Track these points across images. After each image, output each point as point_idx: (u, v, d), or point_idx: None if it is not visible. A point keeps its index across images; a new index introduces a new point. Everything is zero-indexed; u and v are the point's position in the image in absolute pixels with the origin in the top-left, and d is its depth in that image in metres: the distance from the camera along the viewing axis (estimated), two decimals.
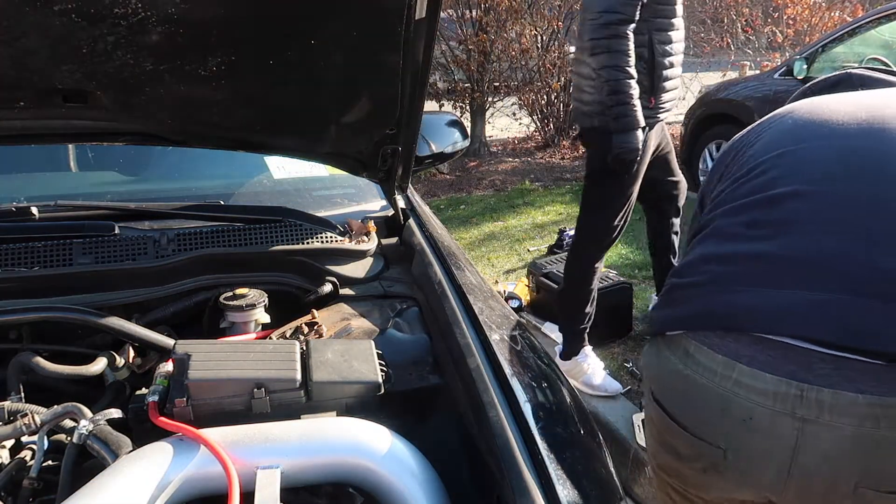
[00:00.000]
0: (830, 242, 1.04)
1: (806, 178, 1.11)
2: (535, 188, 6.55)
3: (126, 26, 0.94)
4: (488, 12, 7.29)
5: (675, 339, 1.16)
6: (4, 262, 1.28)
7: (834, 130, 1.15)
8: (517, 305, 3.61)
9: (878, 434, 0.96)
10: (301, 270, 1.45)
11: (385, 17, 1.04)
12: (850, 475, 1.00)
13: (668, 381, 1.17)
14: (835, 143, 1.13)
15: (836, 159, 1.11)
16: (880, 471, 0.99)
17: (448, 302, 1.23)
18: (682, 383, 1.13)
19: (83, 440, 0.91)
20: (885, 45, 4.79)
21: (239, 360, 0.99)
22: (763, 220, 1.12)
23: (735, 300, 1.08)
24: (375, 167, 1.46)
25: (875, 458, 0.98)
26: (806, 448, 1.01)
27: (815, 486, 1.04)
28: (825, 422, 0.99)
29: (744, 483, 1.11)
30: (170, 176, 1.92)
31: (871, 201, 1.05)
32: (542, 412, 0.96)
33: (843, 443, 0.99)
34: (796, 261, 1.06)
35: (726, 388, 1.06)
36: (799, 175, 1.12)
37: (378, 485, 0.89)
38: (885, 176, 1.06)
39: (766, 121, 1.31)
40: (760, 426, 1.04)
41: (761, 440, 1.05)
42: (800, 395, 1.00)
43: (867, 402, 0.96)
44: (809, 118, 1.21)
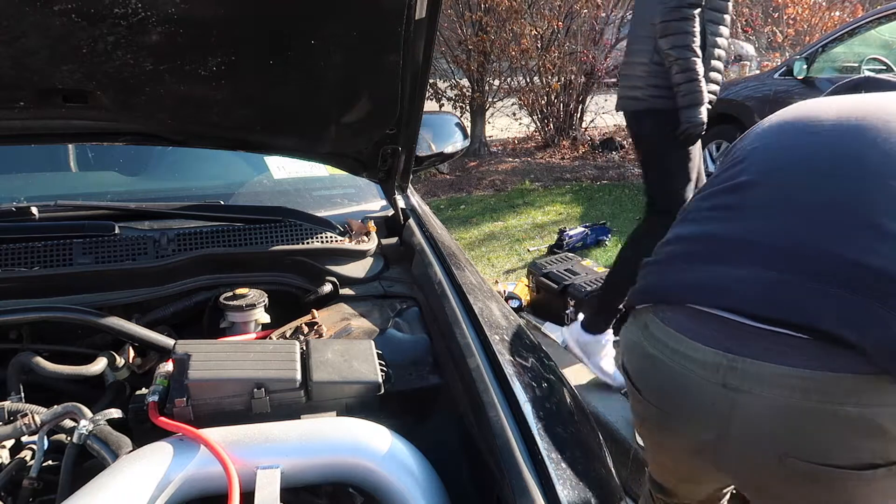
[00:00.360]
0: (772, 225, 1.10)
1: (765, 169, 1.19)
2: (535, 188, 6.55)
3: (126, 26, 0.94)
4: (488, 12, 7.29)
5: (641, 312, 1.23)
6: (4, 262, 1.28)
7: (809, 128, 1.20)
8: (517, 305, 3.61)
9: (805, 406, 1.00)
10: (301, 270, 1.45)
11: (385, 17, 1.04)
12: (778, 445, 1.04)
13: (631, 350, 1.25)
14: (804, 139, 1.19)
15: (799, 153, 1.18)
16: (807, 442, 1.02)
17: (448, 302, 1.23)
18: (640, 352, 1.22)
19: (83, 440, 0.91)
20: (885, 45, 4.79)
21: (239, 360, 0.99)
22: (721, 205, 1.20)
23: (683, 277, 1.17)
24: (375, 167, 1.46)
25: (802, 429, 1.02)
26: (737, 418, 1.06)
27: (746, 455, 1.08)
28: (756, 393, 1.03)
29: (686, 447, 1.19)
30: (170, 176, 1.92)
31: (819, 193, 1.10)
32: (542, 412, 0.96)
33: (772, 413, 1.03)
34: (739, 241, 1.12)
35: (672, 358, 1.13)
36: (761, 165, 1.20)
37: (378, 485, 0.89)
38: (840, 172, 1.10)
39: (763, 120, 1.37)
40: (695, 393, 1.10)
41: (698, 409, 1.11)
42: (730, 365, 1.05)
43: (795, 375, 1.00)
44: (794, 117, 1.27)
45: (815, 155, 1.16)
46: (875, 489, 1.04)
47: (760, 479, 1.12)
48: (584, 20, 7.76)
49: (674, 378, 1.14)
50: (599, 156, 7.75)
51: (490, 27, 7.37)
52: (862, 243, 1.02)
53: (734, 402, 1.05)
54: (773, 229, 1.10)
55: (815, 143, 1.17)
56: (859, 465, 1.01)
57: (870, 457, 1.00)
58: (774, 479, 1.08)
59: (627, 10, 8.05)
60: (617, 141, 8.10)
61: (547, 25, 7.52)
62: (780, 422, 1.03)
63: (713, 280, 1.11)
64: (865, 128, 1.13)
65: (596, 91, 8.26)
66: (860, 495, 1.05)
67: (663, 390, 1.18)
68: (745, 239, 1.12)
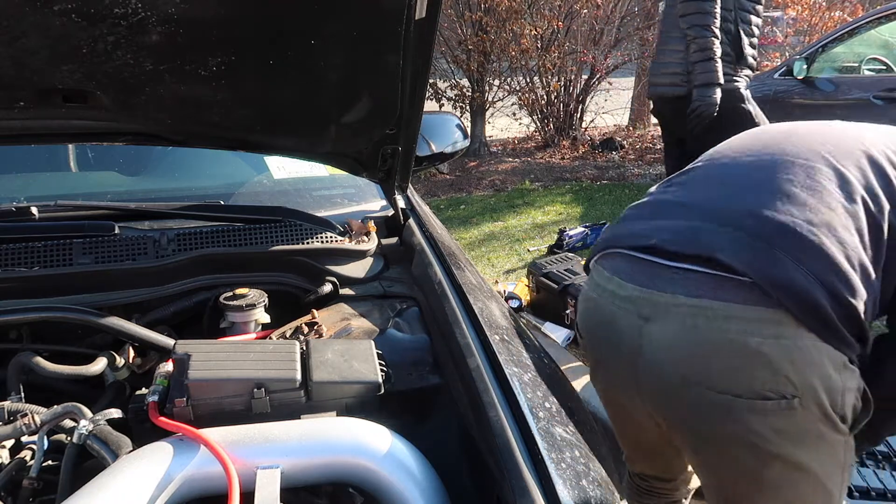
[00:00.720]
0: (703, 192, 1.30)
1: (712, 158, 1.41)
2: (535, 188, 6.55)
3: (126, 26, 0.94)
4: (488, 12, 7.29)
5: (591, 268, 1.40)
6: (4, 262, 1.28)
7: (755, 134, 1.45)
8: (517, 305, 3.61)
9: (699, 332, 1.13)
10: (301, 270, 1.45)
11: (385, 17, 1.04)
12: (678, 370, 1.16)
13: (581, 303, 1.41)
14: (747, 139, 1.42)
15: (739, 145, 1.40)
16: (703, 367, 1.14)
17: (448, 302, 1.23)
18: (583, 299, 1.38)
19: (83, 440, 0.91)
20: (885, 45, 4.79)
21: (239, 360, 0.99)
22: (670, 183, 1.41)
23: (623, 230, 1.36)
24: (375, 167, 1.46)
25: (698, 355, 1.14)
26: (647, 345, 1.20)
27: (653, 382, 1.21)
28: (660, 321, 1.18)
29: (617, 379, 1.31)
30: (170, 176, 1.92)
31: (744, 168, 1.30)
32: (542, 412, 0.96)
33: (671, 338, 1.16)
34: (674, 203, 1.32)
35: (603, 296, 1.29)
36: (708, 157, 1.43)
37: (378, 485, 0.89)
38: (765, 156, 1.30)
39: None
40: (619, 327, 1.25)
41: (619, 339, 1.25)
42: (645, 297, 1.20)
43: (692, 304, 1.14)
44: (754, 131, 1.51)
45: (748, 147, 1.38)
46: (771, 426, 1.12)
47: (673, 411, 1.22)
48: (584, 20, 7.76)
49: (604, 314, 1.29)
50: (599, 156, 7.75)
51: (490, 27, 7.36)
52: (767, 201, 1.18)
53: (643, 331, 1.20)
54: (703, 194, 1.30)
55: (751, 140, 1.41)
56: (751, 393, 1.10)
57: (760, 386, 1.10)
58: (682, 409, 1.19)
59: (627, 10, 8.06)
60: (617, 141, 8.10)
61: (547, 25, 7.51)
62: (678, 347, 1.16)
63: (642, 230, 1.29)
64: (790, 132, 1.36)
65: (596, 91, 8.26)
66: (759, 432, 1.12)
67: (597, 328, 1.33)
68: (679, 202, 1.31)
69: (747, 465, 1.17)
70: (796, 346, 1.09)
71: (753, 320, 1.10)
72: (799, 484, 1.17)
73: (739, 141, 1.44)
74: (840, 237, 1.13)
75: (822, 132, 1.35)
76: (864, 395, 1.15)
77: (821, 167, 1.23)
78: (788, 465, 1.15)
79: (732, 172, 1.31)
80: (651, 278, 1.21)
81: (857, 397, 1.14)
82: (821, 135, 1.33)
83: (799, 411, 1.10)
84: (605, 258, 1.34)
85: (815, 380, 1.09)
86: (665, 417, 1.26)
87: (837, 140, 1.30)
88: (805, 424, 1.12)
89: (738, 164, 1.32)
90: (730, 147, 1.42)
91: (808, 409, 1.10)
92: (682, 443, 1.29)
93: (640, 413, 1.32)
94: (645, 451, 1.54)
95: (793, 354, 1.09)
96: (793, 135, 1.34)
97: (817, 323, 1.08)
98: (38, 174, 1.84)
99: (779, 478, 1.16)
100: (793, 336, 1.09)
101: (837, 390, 1.11)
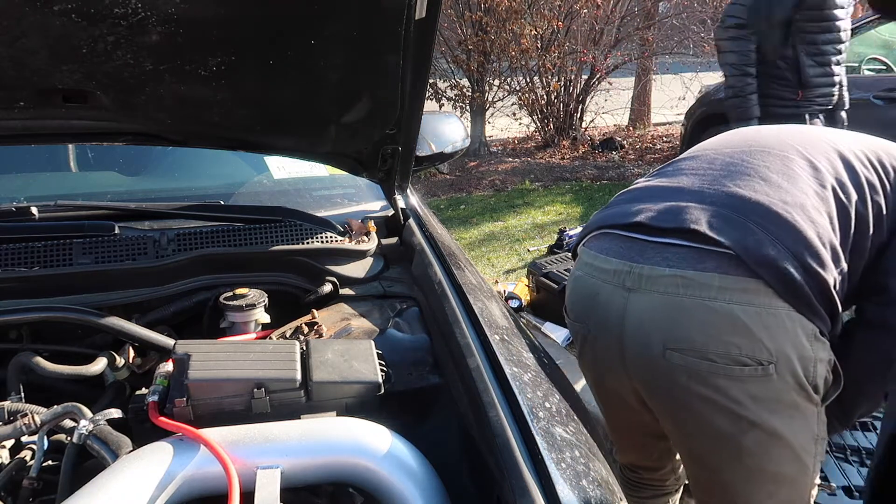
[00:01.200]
0: (684, 179, 1.38)
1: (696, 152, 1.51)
2: (535, 188, 6.55)
3: (126, 26, 0.94)
4: (488, 12, 7.29)
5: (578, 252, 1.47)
6: (4, 262, 1.28)
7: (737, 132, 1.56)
8: (517, 305, 3.61)
9: (681, 301, 1.21)
10: (301, 270, 1.45)
11: (385, 17, 1.04)
12: (658, 337, 1.23)
13: (568, 284, 1.49)
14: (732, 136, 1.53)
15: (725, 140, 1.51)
16: (683, 333, 1.21)
17: (448, 302, 1.23)
18: (571, 280, 1.47)
19: (83, 440, 0.91)
20: (885, 45, 4.79)
21: (239, 360, 0.99)
22: (659, 173, 1.50)
23: (607, 212, 1.44)
24: (375, 167, 1.46)
25: (678, 321, 1.21)
26: (630, 314, 1.27)
27: (637, 349, 1.27)
28: (644, 290, 1.25)
29: (604, 353, 1.36)
30: (170, 176, 1.92)
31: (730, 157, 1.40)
32: (542, 412, 0.96)
33: (653, 308, 1.24)
34: (662, 188, 1.40)
35: (590, 273, 1.37)
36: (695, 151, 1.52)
37: (378, 485, 0.89)
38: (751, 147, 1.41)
39: None
40: (603, 300, 1.32)
41: (604, 312, 1.32)
42: (629, 271, 1.28)
43: (671, 273, 1.22)
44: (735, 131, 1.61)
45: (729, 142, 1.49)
46: (748, 392, 1.19)
47: (653, 379, 1.28)
48: (584, 20, 7.75)
49: (588, 288, 1.37)
50: (599, 156, 7.75)
51: (490, 27, 7.36)
52: (745, 183, 1.28)
53: (627, 300, 1.27)
54: (686, 180, 1.38)
55: (734, 135, 1.53)
56: (728, 359, 1.17)
57: (737, 352, 1.17)
58: (662, 376, 1.25)
59: (627, 10, 8.06)
60: (617, 141, 8.10)
61: (547, 25, 7.51)
62: (660, 315, 1.23)
63: (627, 210, 1.37)
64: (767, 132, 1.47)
65: (596, 91, 8.26)
66: (735, 399, 1.19)
67: (584, 303, 1.40)
68: (667, 186, 1.39)
69: (725, 432, 1.23)
70: (771, 313, 1.16)
71: (731, 289, 1.17)
72: (774, 452, 1.24)
73: (722, 137, 1.56)
74: (811, 217, 1.22)
75: (797, 131, 1.46)
76: (834, 369, 1.23)
77: (795, 157, 1.33)
78: (765, 432, 1.21)
79: (714, 161, 1.41)
80: (635, 252, 1.29)
81: (827, 370, 1.22)
82: (797, 133, 1.44)
83: (774, 378, 1.17)
84: (591, 240, 1.42)
85: (788, 347, 1.16)
86: (647, 388, 1.32)
87: (810, 138, 1.41)
88: (780, 392, 1.19)
89: (719, 154, 1.43)
90: (712, 143, 1.54)
91: (782, 377, 1.17)
92: (663, 415, 1.34)
93: (625, 390, 1.37)
94: (633, 436, 1.59)
95: (768, 321, 1.16)
96: (769, 134, 1.46)
97: (790, 293, 1.16)
98: (38, 174, 1.84)
99: (756, 446, 1.23)
100: (767, 304, 1.16)
101: (810, 359, 1.18)
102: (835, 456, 2.09)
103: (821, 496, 1.92)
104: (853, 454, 2.11)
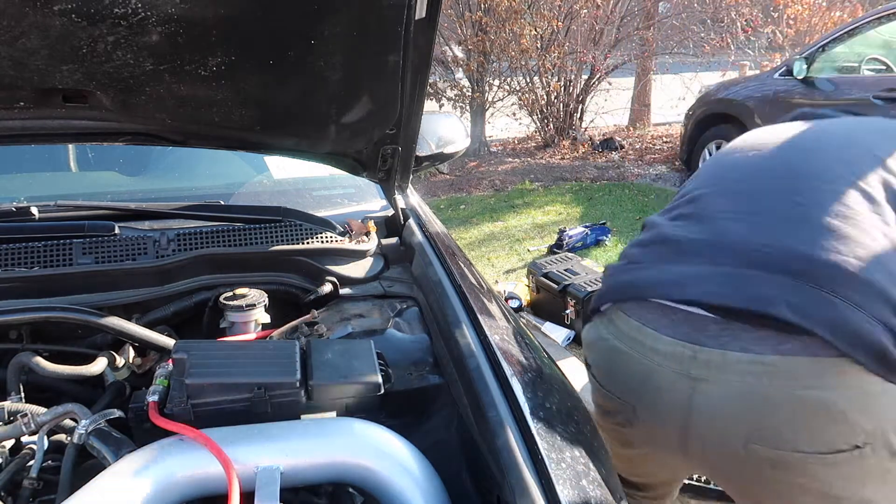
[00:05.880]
0: (719, 226, 1.21)
1: (713, 182, 1.34)
2: (535, 188, 6.55)
3: (126, 26, 0.94)
4: (488, 12, 7.29)
5: (606, 311, 1.31)
6: (4, 262, 1.28)
7: (754, 148, 1.38)
8: (517, 305, 3.61)
9: (763, 391, 1.06)
10: (301, 270, 1.45)
11: (385, 17, 1.04)
12: (739, 431, 1.09)
13: (596, 347, 1.32)
14: (749, 157, 1.36)
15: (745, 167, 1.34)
16: (768, 427, 1.07)
17: (448, 302, 1.23)
18: (605, 347, 1.29)
19: (83, 440, 0.91)
20: (885, 45, 4.79)
21: (239, 360, 0.99)
22: (679, 215, 1.32)
23: (646, 275, 1.25)
24: (375, 167, 1.46)
25: (761, 414, 1.07)
26: (699, 405, 1.12)
27: (710, 443, 1.13)
28: (714, 379, 1.09)
29: (653, 439, 1.24)
30: (170, 176, 1.92)
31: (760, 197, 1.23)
32: (542, 412, 0.96)
33: (730, 399, 1.09)
34: (695, 241, 1.23)
35: (635, 349, 1.20)
36: (713, 179, 1.36)
37: (378, 485, 0.89)
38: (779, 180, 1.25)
39: None
40: (661, 384, 1.16)
41: (661, 398, 1.17)
42: (693, 355, 1.11)
43: (753, 361, 1.06)
44: (739, 143, 1.44)
45: (758, 167, 1.30)
46: (840, 474, 1.08)
47: (729, 468, 1.16)
48: (583, 20, 7.76)
49: (639, 370, 1.19)
50: (599, 156, 7.75)
51: (490, 27, 7.36)
52: (806, 237, 1.11)
53: (695, 390, 1.11)
54: (726, 224, 1.21)
55: (758, 158, 1.33)
56: (824, 448, 1.05)
57: (832, 440, 1.05)
58: (741, 467, 1.12)
59: (627, 10, 8.06)
60: (617, 141, 8.10)
61: (547, 25, 7.51)
62: (739, 407, 1.08)
63: (673, 276, 1.19)
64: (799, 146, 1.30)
65: (596, 91, 8.26)
66: (826, 480, 1.08)
67: (630, 383, 1.23)
68: (702, 240, 1.22)
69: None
70: (865, 392, 1.04)
71: (820, 374, 1.04)
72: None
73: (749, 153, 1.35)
74: (889, 269, 1.07)
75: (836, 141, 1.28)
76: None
77: (848, 190, 1.16)
78: (854, 501, 1.11)
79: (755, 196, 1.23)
80: (695, 332, 1.12)
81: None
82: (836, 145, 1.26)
83: (869, 456, 1.07)
84: (629, 307, 1.23)
85: (886, 423, 1.05)
86: (719, 476, 1.22)
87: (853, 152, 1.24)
88: (874, 467, 1.08)
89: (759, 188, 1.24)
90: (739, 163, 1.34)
91: (877, 453, 1.07)
92: (737, 495, 1.24)
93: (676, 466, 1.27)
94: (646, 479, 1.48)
95: (865, 402, 1.04)
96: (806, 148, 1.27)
97: (882, 365, 1.03)
98: (38, 174, 1.84)
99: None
100: (859, 384, 1.04)
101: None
102: None
103: None
104: None
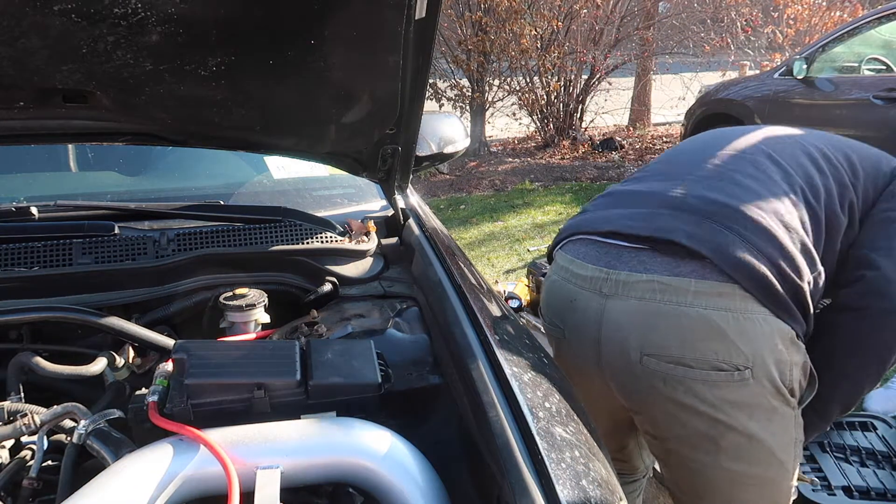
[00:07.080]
0: (659, 185, 1.40)
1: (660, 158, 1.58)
2: (535, 188, 6.55)
3: (126, 26, 0.94)
4: (488, 12, 7.29)
5: (555, 255, 1.49)
6: (4, 262, 1.28)
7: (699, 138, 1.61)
8: (517, 305, 3.60)
9: (657, 307, 1.21)
10: (301, 270, 1.45)
11: (385, 17, 1.04)
12: (635, 342, 1.23)
13: (544, 287, 1.50)
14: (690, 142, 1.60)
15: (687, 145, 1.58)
16: (660, 339, 1.21)
17: (448, 302, 1.23)
18: (548, 283, 1.48)
19: (83, 440, 0.91)
20: (885, 45, 4.79)
21: (239, 361, 0.99)
22: (628, 180, 1.55)
23: (584, 218, 1.48)
24: (375, 167, 1.46)
25: (655, 327, 1.22)
26: (607, 320, 1.28)
27: (613, 355, 1.28)
28: (621, 296, 1.26)
29: (578, 358, 1.38)
30: (170, 176, 1.92)
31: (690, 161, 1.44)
32: (542, 412, 0.96)
33: (630, 314, 1.24)
34: (630, 192, 1.45)
35: (566, 278, 1.39)
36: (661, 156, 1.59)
37: (378, 485, 0.89)
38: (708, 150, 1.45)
39: None
40: (580, 306, 1.33)
41: (581, 317, 1.33)
42: (606, 277, 1.29)
43: (652, 280, 1.23)
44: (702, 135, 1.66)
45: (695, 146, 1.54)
46: (725, 398, 1.19)
47: (630, 384, 1.29)
48: (583, 20, 7.76)
49: (566, 294, 1.37)
50: (599, 156, 7.75)
51: (490, 27, 7.36)
52: (718, 189, 1.29)
53: (604, 307, 1.28)
54: (655, 184, 1.41)
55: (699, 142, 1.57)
56: (705, 364, 1.18)
57: (713, 357, 1.17)
58: (639, 383, 1.26)
59: (627, 10, 8.06)
60: (617, 141, 8.10)
61: (547, 25, 7.51)
62: (636, 320, 1.23)
63: (603, 217, 1.40)
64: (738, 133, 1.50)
65: (596, 91, 8.26)
66: (713, 403, 1.19)
67: (560, 308, 1.41)
68: (635, 191, 1.43)
69: (703, 435, 1.23)
70: (747, 318, 1.17)
71: (706, 293, 1.18)
72: (753, 455, 1.24)
73: (693, 140, 1.60)
74: (785, 221, 1.23)
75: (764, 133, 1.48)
76: (809, 372, 1.24)
77: (764, 161, 1.35)
78: (743, 435, 1.22)
79: (684, 164, 1.43)
80: (612, 258, 1.31)
81: (803, 372, 1.23)
82: (765, 135, 1.46)
83: (751, 383, 1.17)
84: (567, 244, 1.44)
85: (765, 351, 1.16)
86: (624, 391, 1.32)
87: (778, 140, 1.43)
88: (757, 397, 1.19)
89: (689, 160, 1.45)
90: (684, 146, 1.58)
91: (759, 382, 1.17)
92: (641, 417, 1.35)
93: (599, 391, 1.38)
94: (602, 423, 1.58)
95: (744, 326, 1.16)
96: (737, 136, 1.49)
97: (766, 297, 1.17)
98: (38, 174, 1.84)
99: (734, 449, 1.23)
100: (743, 309, 1.17)
101: (786, 363, 1.18)
102: (835, 456, 2.09)
103: (819, 495, 1.92)
104: (853, 454, 2.11)
